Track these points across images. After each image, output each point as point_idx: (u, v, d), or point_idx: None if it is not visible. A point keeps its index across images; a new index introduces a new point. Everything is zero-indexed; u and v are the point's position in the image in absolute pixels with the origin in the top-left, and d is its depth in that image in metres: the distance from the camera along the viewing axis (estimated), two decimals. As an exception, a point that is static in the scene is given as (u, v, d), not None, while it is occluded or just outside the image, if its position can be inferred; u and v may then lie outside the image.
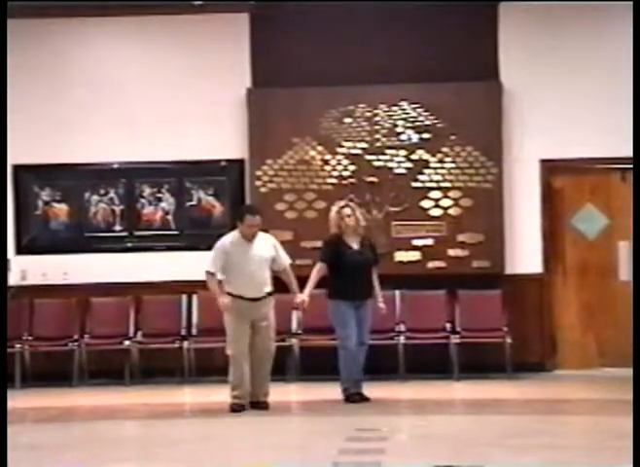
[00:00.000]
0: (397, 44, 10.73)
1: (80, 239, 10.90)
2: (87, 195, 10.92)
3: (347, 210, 8.83)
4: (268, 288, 8.44)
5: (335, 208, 8.94)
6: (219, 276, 8.42)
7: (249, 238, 8.36)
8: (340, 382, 8.77)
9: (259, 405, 8.37)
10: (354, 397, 8.71)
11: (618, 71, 10.41)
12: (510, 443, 6.77)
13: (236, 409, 8.25)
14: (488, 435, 7.22)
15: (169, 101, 10.79)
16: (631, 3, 9.33)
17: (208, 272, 8.37)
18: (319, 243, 10.52)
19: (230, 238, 8.45)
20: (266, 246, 8.45)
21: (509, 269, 10.64)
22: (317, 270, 8.80)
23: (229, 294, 8.35)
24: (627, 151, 9.83)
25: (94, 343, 10.53)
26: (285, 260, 8.60)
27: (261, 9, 10.72)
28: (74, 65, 10.93)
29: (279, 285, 8.68)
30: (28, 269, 10.84)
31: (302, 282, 10.59)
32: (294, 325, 10.51)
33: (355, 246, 8.81)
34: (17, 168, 10.90)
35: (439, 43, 10.71)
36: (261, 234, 8.48)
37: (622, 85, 10.21)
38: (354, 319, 8.70)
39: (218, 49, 10.81)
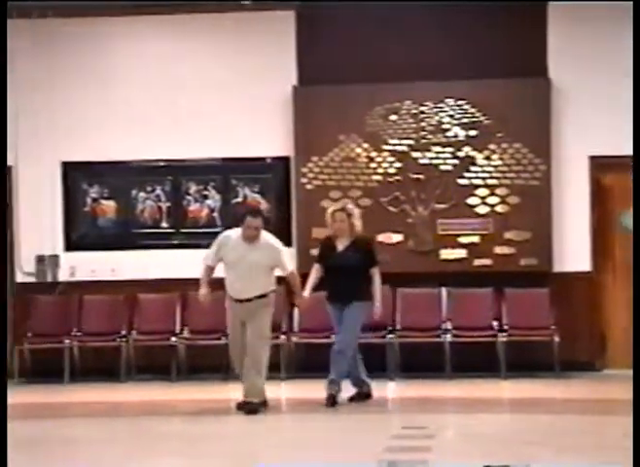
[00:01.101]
0: (444, 40, 10.67)
1: (127, 236, 10.98)
2: (134, 192, 11.00)
3: (341, 215, 8.66)
4: (261, 292, 8.25)
5: (330, 210, 8.81)
6: (210, 264, 8.41)
7: (248, 240, 8.21)
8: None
9: (244, 405, 8.20)
10: (330, 400, 8.52)
11: (668, 67, 10.26)
12: (556, 442, 6.71)
13: (241, 408, 8.28)
14: (535, 434, 7.16)
15: (216, 99, 10.82)
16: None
17: (204, 262, 8.47)
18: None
19: (232, 234, 8.35)
20: (266, 254, 8.23)
21: (557, 267, 10.54)
22: (314, 270, 8.72)
23: (228, 293, 8.40)
24: (679, 147, 9.68)
25: (142, 340, 10.60)
26: (285, 269, 8.35)
27: (306, 7, 10.71)
28: (121, 64, 11.00)
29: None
30: (77, 266, 10.96)
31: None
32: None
33: (341, 248, 8.65)
34: (65, 166, 11.01)
35: (487, 39, 10.63)
36: (267, 241, 8.30)
37: (673, 80, 10.06)
38: (337, 320, 8.63)
39: (264, 47, 10.81)
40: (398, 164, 10.67)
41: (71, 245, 11.03)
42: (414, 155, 10.66)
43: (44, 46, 10.87)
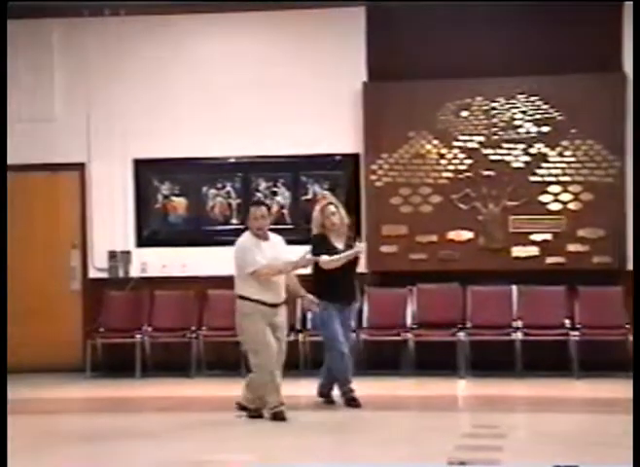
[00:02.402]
0: (516, 36, 10.57)
1: (197, 233, 11.06)
2: (204, 189, 11.07)
3: (331, 208, 8.31)
4: (284, 293, 7.87)
5: (317, 207, 8.44)
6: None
7: (261, 236, 7.80)
8: (338, 386, 8.34)
9: (259, 412, 7.89)
10: (355, 401, 8.24)
11: None
12: (629, 443, 6.57)
13: (283, 417, 7.65)
14: (608, 435, 7.05)
15: (285, 96, 10.84)
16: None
17: (255, 272, 7.67)
18: (434, 238, 10.53)
19: (244, 239, 7.87)
20: (281, 247, 7.88)
21: (631, 265, 10.35)
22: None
23: (245, 298, 7.80)
24: None
25: (211, 335, 10.65)
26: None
27: (377, 3, 10.67)
28: (192, 62, 11.07)
29: (389, 281, 8.61)
30: (148, 262, 11.06)
31: (415, 277, 10.56)
32: (408, 320, 10.44)
33: (341, 247, 8.29)
34: (137, 163, 11.13)
35: (560, 34, 10.49)
36: (273, 236, 7.94)
37: None
38: (338, 320, 8.23)
39: (334, 43, 10.80)
40: (468, 161, 10.58)
41: (142, 241, 11.15)
42: (485, 151, 10.57)
43: (115, 45, 11.00)
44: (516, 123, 10.54)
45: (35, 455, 6.69)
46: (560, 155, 10.48)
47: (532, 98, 10.52)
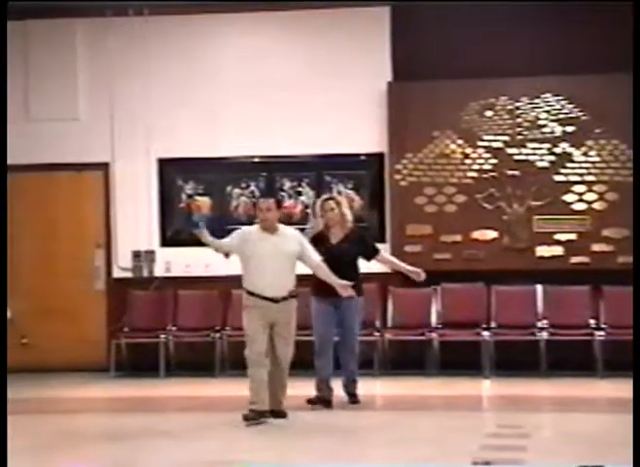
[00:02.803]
0: (540, 35, 10.54)
1: (221, 232, 11.00)
2: (228, 188, 11.09)
3: (330, 203, 8.34)
4: (291, 288, 7.73)
5: (319, 201, 8.50)
6: (226, 244, 7.87)
7: (268, 229, 7.74)
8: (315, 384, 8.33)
9: (279, 413, 7.74)
10: (318, 403, 8.20)
11: None
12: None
13: (250, 418, 7.50)
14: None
15: (310, 96, 10.83)
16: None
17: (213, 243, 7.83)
18: (459, 237, 10.52)
19: (250, 228, 7.97)
20: (291, 241, 7.76)
21: (657, 266, 10.30)
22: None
23: (247, 291, 7.73)
24: None
25: (235, 335, 10.64)
26: (315, 257, 7.82)
27: (401, 3, 10.65)
28: (217, 62, 11.09)
29: (414, 280, 8.59)
30: (172, 261, 11.09)
31: (440, 277, 10.53)
32: (433, 319, 10.42)
33: (334, 241, 8.27)
34: (161, 162, 11.16)
35: (584, 35, 10.44)
36: (286, 230, 7.87)
37: None
38: (330, 318, 8.19)
39: (359, 43, 10.79)
40: (493, 161, 10.56)
41: (166, 241, 11.18)
42: (510, 151, 10.54)
43: (139, 45, 11.03)
44: (541, 122, 10.51)
45: (58, 454, 6.72)
46: (585, 154, 10.45)
47: (557, 98, 10.49)
